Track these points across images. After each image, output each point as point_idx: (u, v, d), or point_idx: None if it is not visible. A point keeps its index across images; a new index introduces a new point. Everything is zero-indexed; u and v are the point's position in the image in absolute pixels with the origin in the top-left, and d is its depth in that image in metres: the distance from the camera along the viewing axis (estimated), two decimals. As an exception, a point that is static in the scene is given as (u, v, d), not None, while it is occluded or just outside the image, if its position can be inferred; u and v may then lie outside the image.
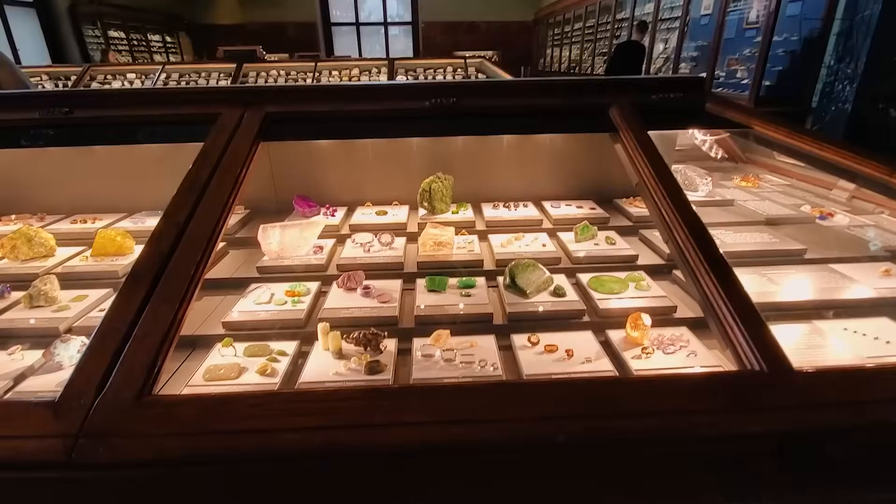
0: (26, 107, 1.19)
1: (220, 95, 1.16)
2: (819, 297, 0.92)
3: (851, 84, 3.42)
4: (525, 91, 1.17)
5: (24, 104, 1.20)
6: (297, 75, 4.41)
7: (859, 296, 0.92)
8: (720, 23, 4.19)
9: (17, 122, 1.16)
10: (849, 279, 0.97)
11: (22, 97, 1.23)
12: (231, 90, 1.13)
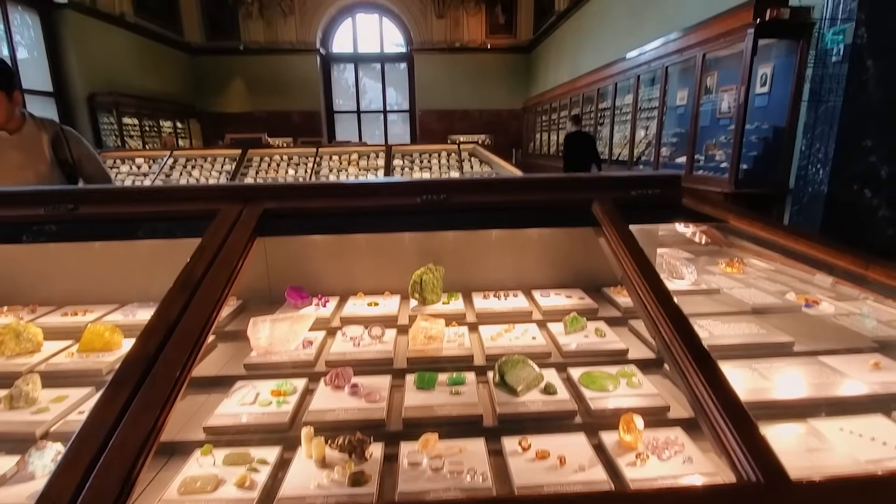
0: (34, 203, 1.25)
1: (221, 193, 1.22)
2: (811, 393, 0.91)
3: (824, 167, 3.61)
4: (511, 188, 1.23)
5: (32, 201, 1.26)
6: (299, 160, 4.64)
7: (852, 392, 0.91)
8: (695, 113, 4.51)
9: (21, 218, 1.21)
10: (840, 373, 0.97)
11: (31, 194, 1.29)
12: (231, 188, 1.19)
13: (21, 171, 1.91)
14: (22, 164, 1.91)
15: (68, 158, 2.02)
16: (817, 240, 1.05)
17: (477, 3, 11.02)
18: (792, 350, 1.07)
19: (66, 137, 2.03)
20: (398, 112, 12.17)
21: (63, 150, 2.01)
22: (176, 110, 10.14)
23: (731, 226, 1.14)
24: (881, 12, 3.24)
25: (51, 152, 1.97)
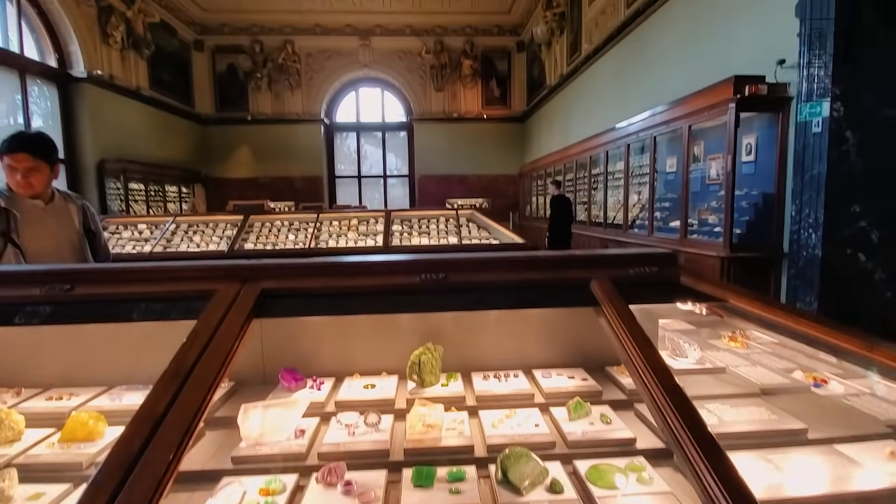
0: (30, 283, 1.24)
1: (219, 272, 1.22)
2: (832, 488, 0.86)
3: (816, 232, 3.66)
4: (511, 266, 1.24)
5: (29, 280, 1.25)
6: (299, 225, 4.71)
7: (872, 486, 0.87)
8: (685, 180, 4.65)
9: (16, 298, 1.20)
10: (857, 464, 0.92)
11: (29, 274, 1.29)
12: (229, 267, 1.19)
13: (57, 238, 2.02)
14: (58, 232, 2.02)
15: (91, 228, 2.16)
16: (818, 320, 1.04)
17: (473, 77, 11.75)
18: (806, 438, 1.03)
19: (89, 210, 2.17)
20: (398, 177, 12.57)
21: (88, 221, 2.15)
22: (182, 176, 10.45)
23: (731, 305, 1.14)
24: (855, 87, 3.43)
25: (80, 224, 2.10)
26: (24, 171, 1.86)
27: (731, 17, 4.40)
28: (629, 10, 6.25)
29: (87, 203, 2.19)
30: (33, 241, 1.93)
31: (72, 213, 2.08)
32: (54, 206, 2.03)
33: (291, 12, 11.03)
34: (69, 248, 2.05)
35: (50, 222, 2.00)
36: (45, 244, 1.97)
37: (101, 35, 8.19)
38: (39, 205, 1.97)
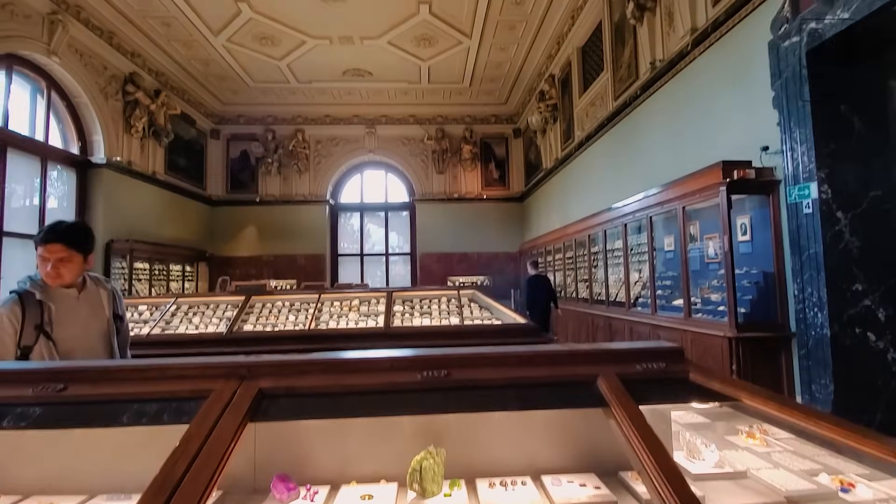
0: (22, 383, 1.21)
1: (215, 370, 1.20)
2: None
3: (821, 311, 3.62)
4: (516, 362, 1.21)
5: (22, 380, 1.22)
6: (300, 306, 4.69)
7: None
8: (683, 259, 4.70)
9: (5, 399, 1.16)
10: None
11: (22, 373, 1.26)
12: (226, 365, 1.17)
13: (89, 327, 2.01)
14: (88, 323, 2.02)
15: (119, 313, 2.16)
16: (837, 423, 1.00)
17: (473, 161, 12.36)
18: (843, 558, 0.94)
19: (117, 295, 2.18)
20: (400, 255, 12.76)
21: (116, 306, 2.16)
22: (187, 255, 10.61)
23: (745, 405, 1.10)
24: (841, 170, 3.57)
25: (110, 310, 2.10)
26: (56, 261, 1.88)
27: (713, 108, 4.70)
28: (617, 103, 6.70)
29: (116, 288, 2.20)
30: (65, 333, 1.93)
31: (103, 299, 2.08)
32: (87, 294, 2.04)
33: (304, 104, 11.86)
34: (99, 336, 2.04)
35: (82, 311, 2.00)
36: (76, 335, 1.97)
37: (124, 125, 8.75)
38: (73, 294, 1.98)
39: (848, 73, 3.56)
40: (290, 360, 1.23)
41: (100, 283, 2.12)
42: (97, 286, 2.09)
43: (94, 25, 7.82)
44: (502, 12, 8.20)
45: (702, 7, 4.80)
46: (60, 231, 1.91)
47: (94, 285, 2.09)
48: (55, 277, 1.90)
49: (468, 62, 10.00)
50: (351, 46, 9.22)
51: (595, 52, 7.58)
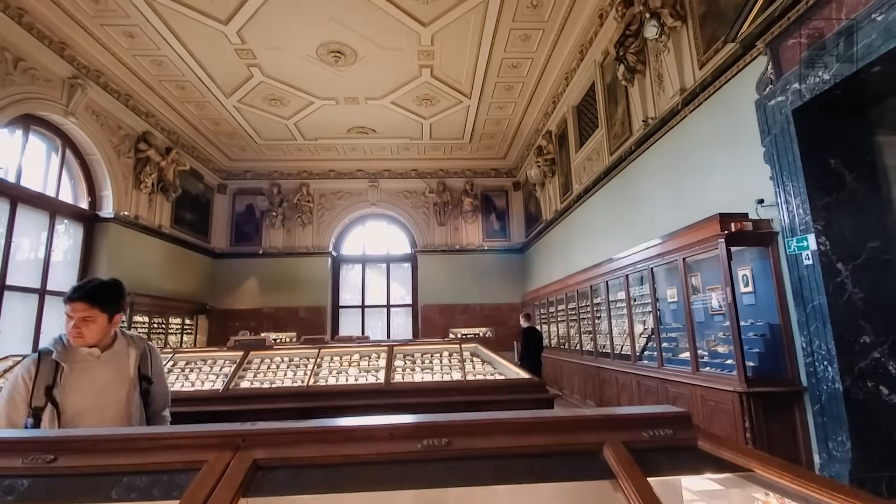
0: (12, 452, 1.17)
1: (210, 440, 1.16)
2: None
3: (831, 364, 3.55)
4: (518, 429, 1.18)
5: (12, 449, 1.18)
6: (299, 361, 4.60)
7: None
8: (687, 311, 4.66)
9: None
10: None
11: (12, 442, 1.22)
12: (221, 434, 1.13)
13: (105, 389, 1.91)
14: (105, 385, 1.91)
15: (148, 374, 2.03)
16: (855, 495, 0.95)
17: (474, 213, 12.57)
18: None
19: (151, 354, 2.07)
20: (401, 306, 12.68)
21: (147, 366, 2.04)
22: (188, 308, 10.57)
23: (758, 475, 1.05)
24: (837, 222, 3.60)
25: (136, 370, 1.99)
26: (78, 320, 1.85)
27: (707, 162, 4.82)
28: (612, 157, 6.90)
29: (151, 346, 2.09)
30: (75, 397, 1.84)
31: (130, 360, 1.97)
32: (112, 354, 1.95)
33: (309, 160, 12.24)
34: (115, 401, 1.91)
35: (100, 373, 1.91)
36: (87, 399, 1.86)
37: (134, 181, 9.00)
38: (95, 353, 1.91)
39: (835, 130, 3.69)
40: (287, 428, 1.19)
41: (132, 343, 2.02)
42: (128, 346, 1.99)
43: (112, 88, 8.23)
44: (500, 74, 8.64)
45: (689, 70, 5.05)
46: (85, 289, 1.88)
47: (125, 345, 1.99)
48: (77, 337, 1.86)
49: (468, 120, 10.41)
50: (356, 106, 9.64)
51: (589, 110, 7.90)
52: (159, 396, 2.11)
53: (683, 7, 5.06)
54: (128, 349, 1.99)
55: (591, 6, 6.79)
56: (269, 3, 6.59)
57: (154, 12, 6.72)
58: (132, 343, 2.02)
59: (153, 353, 2.09)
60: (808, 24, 3.45)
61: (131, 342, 2.02)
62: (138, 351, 2.01)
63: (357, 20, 7.02)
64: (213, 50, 7.62)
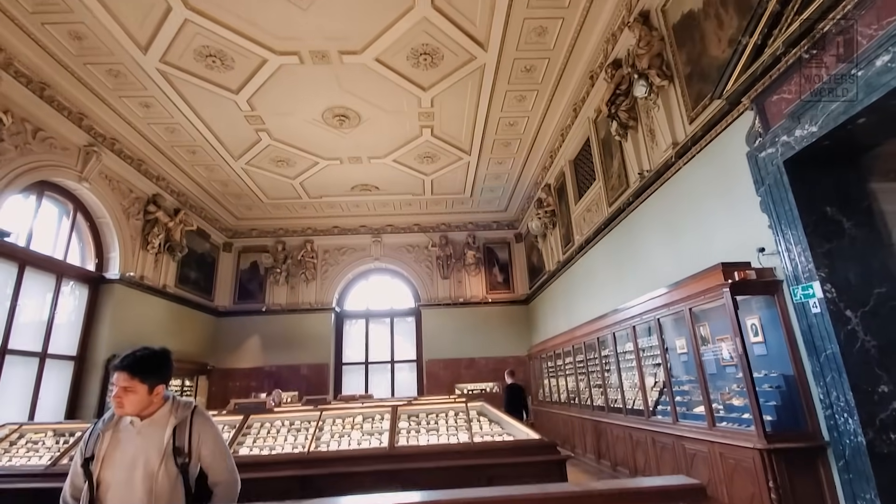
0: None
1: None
2: None
3: (851, 417, 3.40)
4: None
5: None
6: (300, 424, 4.46)
7: None
8: (698, 362, 4.55)
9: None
10: None
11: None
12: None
13: (135, 463, 1.79)
14: (136, 458, 1.80)
15: (184, 447, 1.87)
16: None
17: (477, 266, 12.61)
18: None
19: (192, 422, 1.92)
20: (405, 362, 12.44)
21: (183, 437, 1.88)
22: (188, 369, 10.39)
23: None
24: (841, 269, 3.57)
25: (170, 440, 1.86)
26: (119, 390, 1.83)
27: (704, 211, 4.87)
28: (611, 209, 7.01)
29: (197, 413, 1.95)
30: (107, 470, 1.79)
31: (165, 430, 1.85)
32: (149, 423, 1.87)
33: (313, 217, 12.48)
34: (141, 476, 1.78)
35: (133, 445, 1.82)
36: (118, 472, 1.79)
37: (141, 242, 9.14)
38: (136, 423, 1.86)
39: (829, 178, 3.75)
40: None
41: (175, 411, 1.91)
42: (169, 414, 1.89)
43: (125, 154, 8.57)
44: (498, 132, 8.98)
45: (679, 125, 5.24)
46: (127, 360, 1.87)
47: (167, 413, 1.90)
48: (118, 407, 1.84)
49: (468, 175, 10.70)
50: (359, 165, 9.96)
51: (586, 164, 8.12)
52: (218, 475, 1.92)
53: (669, 68, 5.33)
54: (168, 418, 1.89)
55: (581, 68, 7.17)
56: (279, 74, 6.99)
57: (170, 84, 7.12)
58: (175, 411, 1.91)
59: (196, 423, 1.92)
60: (789, 80, 3.62)
61: (175, 410, 1.92)
62: (177, 418, 1.90)
63: (361, 87, 7.41)
64: (223, 116, 7.99)
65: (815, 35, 3.33)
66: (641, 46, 5.49)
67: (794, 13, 3.45)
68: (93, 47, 6.33)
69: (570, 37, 6.61)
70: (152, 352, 1.97)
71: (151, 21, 5.95)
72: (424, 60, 6.88)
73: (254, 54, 6.57)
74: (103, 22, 5.90)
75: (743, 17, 4.13)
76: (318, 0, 5.74)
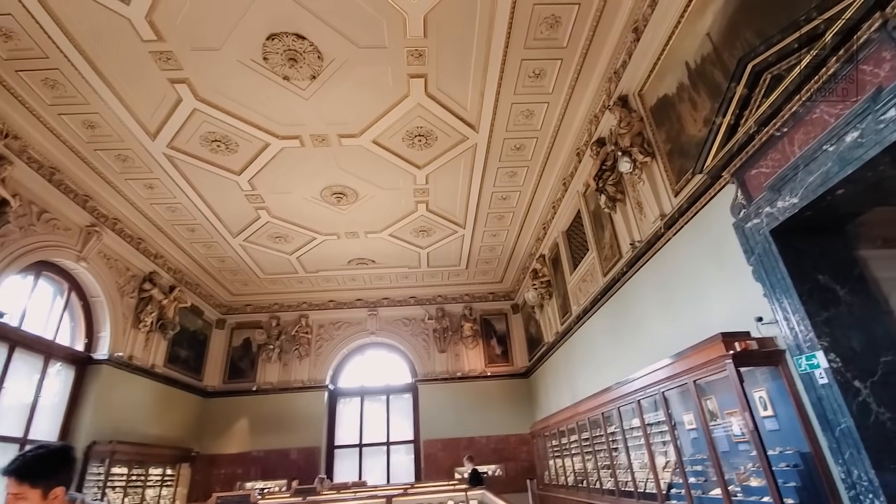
0: None
1: None
2: None
3: (877, 497, 3.18)
4: None
5: None
6: (287, 518, 4.12)
7: None
8: (708, 439, 4.32)
9: None
10: None
11: None
12: None
13: None
14: None
15: None
16: None
17: (474, 338, 12.39)
18: None
19: None
20: (402, 443, 11.78)
21: None
22: (170, 456, 9.78)
23: None
24: (843, 337, 3.50)
25: None
26: (9, 497, 1.67)
27: (699, 280, 4.87)
28: (606, 279, 7.04)
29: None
30: None
31: None
32: None
33: (309, 291, 12.44)
34: None
35: None
36: None
37: (133, 320, 9.01)
38: None
39: (817, 247, 3.80)
40: None
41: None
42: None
43: (126, 234, 8.70)
44: (491, 206, 9.24)
45: (665, 198, 5.42)
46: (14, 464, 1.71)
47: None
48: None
49: (464, 247, 10.85)
50: (356, 239, 10.12)
51: (579, 235, 8.28)
52: None
53: (650, 145, 5.62)
54: None
55: (568, 146, 7.55)
56: (280, 156, 7.32)
57: (175, 167, 7.41)
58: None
59: None
60: (765, 156, 3.80)
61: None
62: None
63: (358, 167, 7.73)
64: (225, 196, 8.24)
65: (784, 115, 3.54)
66: (622, 127, 5.82)
67: (761, 96, 3.70)
68: (105, 135, 6.66)
69: (555, 118, 7.04)
70: (46, 451, 1.80)
71: (162, 111, 6.32)
72: (419, 141, 7.24)
73: (257, 139, 6.92)
74: (117, 112, 6.26)
75: (715, 99, 4.42)
76: (320, 91, 6.15)
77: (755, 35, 3.87)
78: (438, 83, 6.20)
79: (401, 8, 5.14)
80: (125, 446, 8.26)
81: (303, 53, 5.57)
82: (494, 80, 6.20)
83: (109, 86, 5.87)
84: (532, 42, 5.71)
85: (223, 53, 5.54)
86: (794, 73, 3.35)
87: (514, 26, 5.45)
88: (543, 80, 6.33)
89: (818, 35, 3.12)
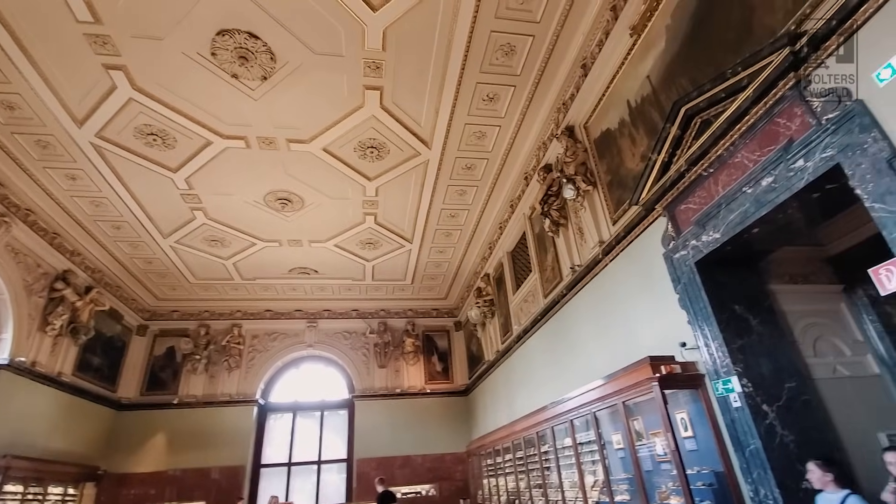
0: None
1: None
2: None
3: (781, 515, 3.42)
4: None
5: None
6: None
7: None
8: (634, 458, 4.50)
9: None
10: None
11: None
12: None
13: None
14: None
15: None
16: None
17: (416, 354, 12.27)
18: None
19: None
20: (334, 462, 11.33)
21: None
22: (74, 473, 8.84)
23: None
24: (754, 364, 3.80)
25: None
26: None
27: (631, 306, 5.14)
28: (546, 300, 7.26)
29: None
30: None
31: None
32: None
33: (245, 299, 11.85)
34: None
35: None
36: None
37: (40, 323, 8.14)
38: None
39: (735, 279, 4.14)
40: None
41: None
42: None
43: (39, 227, 7.91)
44: (440, 222, 9.30)
45: (604, 225, 5.70)
46: None
47: None
48: None
49: (410, 262, 10.80)
50: (299, 248, 9.80)
51: (523, 256, 8.50)
52: None
53: (593, 175, 5.92)
54: None
55: (517, 169, 7.79)
56: (223, 156, 6.99)
57: (102, 159, 6.87)
58: None
59: None
60: (694, 193, 4.10)
61: None
62: None
63: (306, 173, 7.54)
64: (157, 193, 7.73)
65: (711, 157, 3.86)
66: (568, 155, 6.10)
67: (692, 137, 4.02)
68: (24, 117, 6.08)
69: (506, 142, 7.25)
70: None
71: (93, 97, 5.87)
72: (371, 153, 7.19)
73: (198, 136, 6.58)
74: (40, 94, 5.74)
75: (651, 137, 4.74)
76: (270, 93, 5.98)
77: (689, 82, 4.21)
78: (394, 97, 6.22)
79: (361, 19, 5.14)
80: (22, 461, 7.37)
81: (255, 53, 5.41)
82: (450, 100, 6.30)
83: (34, 65, 5.38)
84: (488, 67, 5.88)
85: (167, 44, 5.26)
86: (721, 119, 3.67)
87: (472, 50, 5.60)
88: (497, 104, 6.52)
89: (742, 87, 3.45)
